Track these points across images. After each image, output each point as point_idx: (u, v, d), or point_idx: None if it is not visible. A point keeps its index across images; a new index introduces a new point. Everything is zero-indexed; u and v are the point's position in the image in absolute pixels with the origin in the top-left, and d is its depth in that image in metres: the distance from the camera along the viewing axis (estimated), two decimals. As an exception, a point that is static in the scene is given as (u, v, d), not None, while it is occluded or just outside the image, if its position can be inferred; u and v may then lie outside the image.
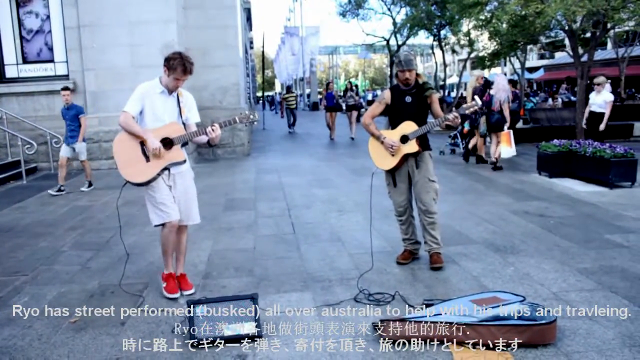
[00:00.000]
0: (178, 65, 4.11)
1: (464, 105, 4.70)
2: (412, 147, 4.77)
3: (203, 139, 4.30)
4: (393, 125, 4.91)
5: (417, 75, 4.85)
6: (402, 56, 4.77)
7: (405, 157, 4.83)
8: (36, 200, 8.70)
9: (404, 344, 3.42)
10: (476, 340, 3.35)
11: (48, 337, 3.71)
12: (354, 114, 17.84)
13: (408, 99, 4.83)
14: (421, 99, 4.82)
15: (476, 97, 4.86)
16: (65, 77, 12.31)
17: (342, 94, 19.02)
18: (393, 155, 4.83)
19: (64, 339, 3.67)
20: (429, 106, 4.86)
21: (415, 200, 4.98)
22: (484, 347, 3.34)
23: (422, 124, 4.76)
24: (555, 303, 4.01)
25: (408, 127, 4.76)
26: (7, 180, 10.43)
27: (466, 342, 3.37)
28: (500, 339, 3.33)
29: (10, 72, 12.43)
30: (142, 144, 4.18)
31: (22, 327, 3.87)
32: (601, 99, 10.47)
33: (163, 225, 4.30)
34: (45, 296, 4.48)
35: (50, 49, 12.47)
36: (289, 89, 24.16)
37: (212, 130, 4.20)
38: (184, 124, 4.34)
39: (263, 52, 29.50)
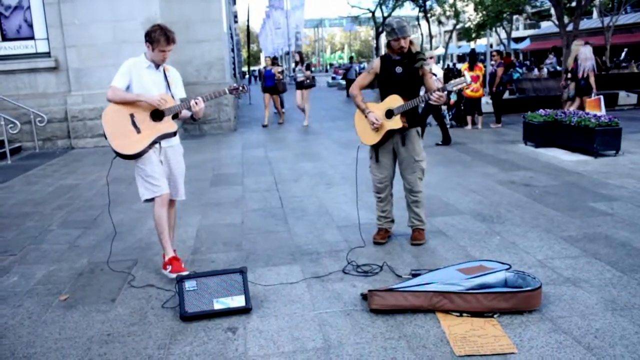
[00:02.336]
0: (160, 36, 4.05)
1: (452, 82, 4.48)
2: (396, 123, 4.56)
3: (187, 113, 4.28)
4: (383, 96, 4.69)
5: (410, 43, 4.57)
6: (394, 23, 4.47)
7: (391, 133, 4.64)
8: (22, 179, 8.63)
9: (392, 313, 3.47)
10: (463, 308, 3.41)
11: (39, 316, 3.72)
12: (303, 94, 14.60)
13: (398, 69, 4.58)
14: (412, 70, 4.56)
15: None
16: (47, 54, 12.10)
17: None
18: (377, 130, 4.67)
19: (54, 317, 3.69)
20: (421, 78, 4.62)
21: (402, 178, 4.84)
22: (471, 315, 3.40)
23: (412, 97, 4.53)
24: (541, 270, 4.07)
25: (394, 101, 4.56)
26: (-9, 160, 10.32)
27: (453, 310, 3.43)
28: (487, 306, 3.39)
29: (-11, 50, 12.21)
30: (132, 116, 4.14)
31: (12, 307, 3.88)
32: None
33: (153, 200, 4.24)
34: (35, 275, 4.48)
35: (30, 26, 12.22)
36: (274, 61, 21.16)
37: (196, 103, 4.17)
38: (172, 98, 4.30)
39: (248, 25, 29.14)
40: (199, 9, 13.36)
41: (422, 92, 4.67)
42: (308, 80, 14.68)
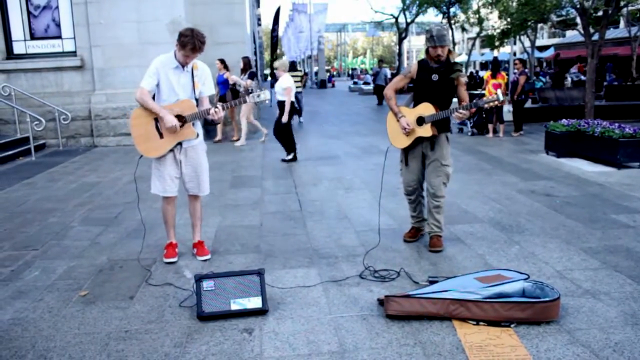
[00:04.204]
0: (188, 43, 4.20)
1: (484, 99, 4.63)
2: (426, 131, 4.62)
3: (208, 117, 4.44)
4: (416, 101, 4.74)
5: (449, 52, 4.63)
6: (434, 31, 4.51)
7: (420, 139, 4.71)
8: (45, 176, 8.77)
9: (408, 319, 3.47)
10: (480, 316, 3.39)
11: (59, 310, 3.78)
12: (242, 109, 11.75)
13: (435, 77, 4.61)
14: (448, 80, 4.61)
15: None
16: (73, 53, 12.30)
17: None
18: (407, 135, 4.73)
19: (74, 312, 3.74)
20: (456, 88, 4.67)
21: (425, 181, 4.89)
22: (488, 324, 3.38)
23: (444, 105, 4.61)
24: (560, 281, 4.03)
25: (426, 109, 4.60)
26: (16, 157, 10.49)
27: (470, 318, 3.42)
28: (504, 315, 3.37)
29: (18, 48, 12.42)
30: (157, 120, 4.36)
31: (33, 300, 3.95)
32: (279, 86, 9.52)
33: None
34: (56, 270, 4.55)
35: (58, 25, 12.43)
36: (292, 66, 16.66)
37: (215, 112, 4.35)
38: (197, 99, 4.48)
39: (277, 27, 28.81)
40: (222, 11, 13.46)
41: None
42: (243, 91, 11.58)
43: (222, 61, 12.26)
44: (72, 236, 5.51)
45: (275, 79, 13.49)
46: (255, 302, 3.61)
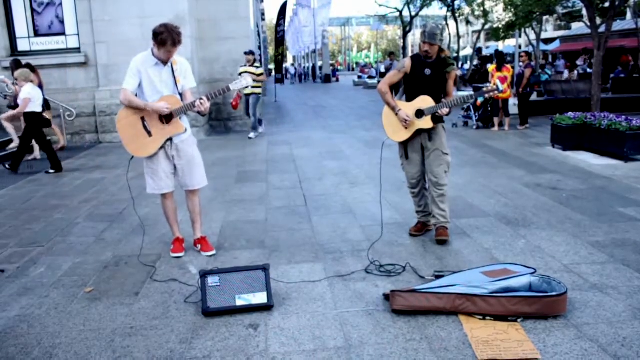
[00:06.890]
0: (167, 39, 4.18)
1: (484, 89, 4.73)
2: (426, 122, 4.70)
3: (194, 110, 4.43)
4: (409, 96, 4.82)
5: (441, 50, 4.71)
6: (428, 27, 4.64)
7: (419, 131, 4.79)
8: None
9: (414, 314, 3.45)
10: (486, 311, 3.37)
11: (64, 307, 3.78)
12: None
13: (427, 71, 4.70)
14: (440, 74, 4.71)
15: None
16: (77, 50, 12.31)
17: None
18: (406, 128, 4.79)
19: (79, 309, 3.74)
20: (446, 82, 4.76)
21: (426, 172, 4.94)
22: (494, 318, 3.36)
23: (438, 99, 4.70)
24: (567, 276, 4.01)
25: (425, 102, 4.69)
26: (22, 153, 10.48)
27: (476, 313, 3.40)
28: (511, 310, 3.35)
29: (22, 45, 12.43)
30: (143, 119, 4.37)
31: (39, 297, 3.95)
32: (20, 98, 8.69)
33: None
34: (61, 267, 4.55)
35: (62, 22, 12.44)
36: (249, 59, 12.13)
37: (201, 103, 4.33)
38: (180, 94, 4.47)
39: (284, 22, 28.69)
40: (226, 6, 13.43)
41: (465, 93, 4.76)
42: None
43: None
44: (78, 233, 5.52)
45: (280, 74, 13.53)
46: (260, 298, 3.61)
